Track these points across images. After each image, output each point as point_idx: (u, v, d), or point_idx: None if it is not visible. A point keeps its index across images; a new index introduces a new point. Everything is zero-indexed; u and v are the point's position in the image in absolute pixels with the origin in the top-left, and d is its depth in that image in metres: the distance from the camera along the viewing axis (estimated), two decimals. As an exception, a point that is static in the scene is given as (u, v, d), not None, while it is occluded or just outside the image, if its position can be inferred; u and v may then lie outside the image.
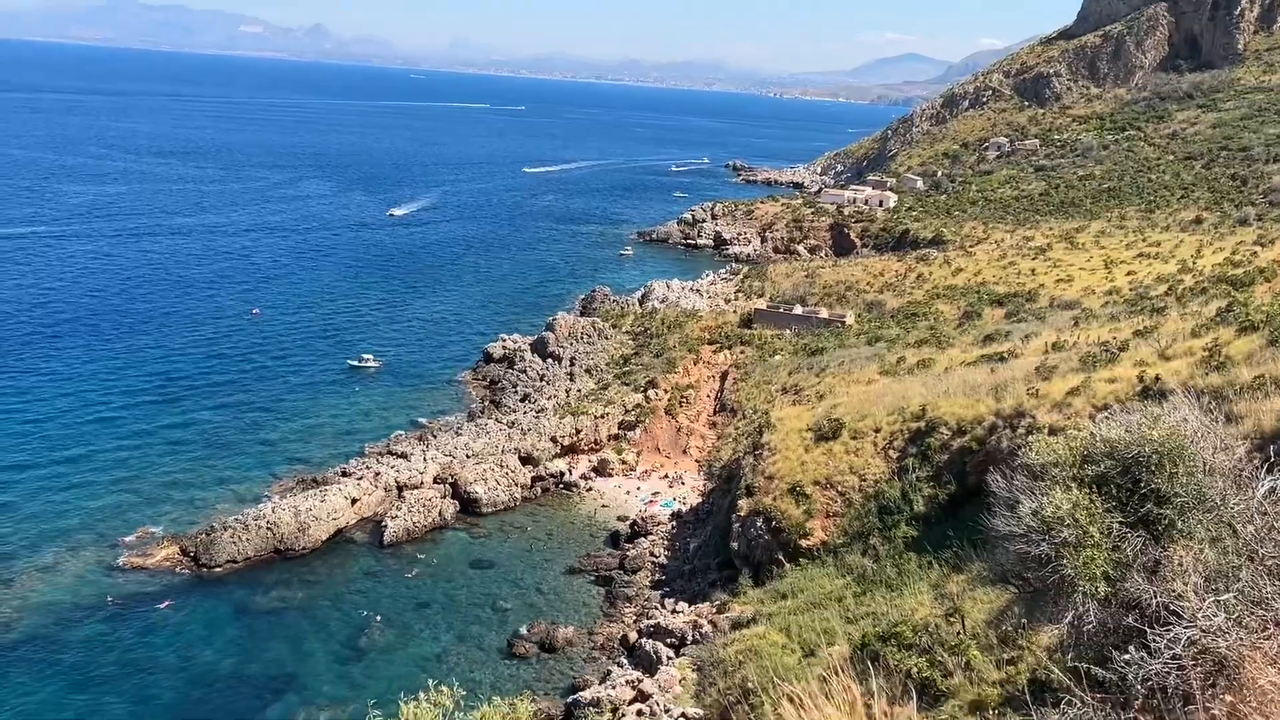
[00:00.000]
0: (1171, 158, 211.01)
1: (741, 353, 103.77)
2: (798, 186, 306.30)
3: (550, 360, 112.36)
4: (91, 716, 52.84)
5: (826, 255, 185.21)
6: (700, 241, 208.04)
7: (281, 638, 61.22)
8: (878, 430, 56.46)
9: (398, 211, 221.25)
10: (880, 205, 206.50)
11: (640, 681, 48.99)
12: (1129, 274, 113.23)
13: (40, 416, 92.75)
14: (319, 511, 72.83)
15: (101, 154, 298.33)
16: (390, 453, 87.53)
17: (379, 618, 63.60)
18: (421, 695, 11.83)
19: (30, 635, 59.40)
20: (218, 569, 68.03)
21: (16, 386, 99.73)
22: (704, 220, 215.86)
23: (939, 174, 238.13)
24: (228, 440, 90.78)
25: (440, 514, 77.36)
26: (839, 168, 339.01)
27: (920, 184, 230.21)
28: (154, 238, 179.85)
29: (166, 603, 63.92)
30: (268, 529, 70.67)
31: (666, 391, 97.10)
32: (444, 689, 12.03)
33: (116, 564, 68.11)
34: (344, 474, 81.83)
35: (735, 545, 59.65)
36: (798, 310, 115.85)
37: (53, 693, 54.59)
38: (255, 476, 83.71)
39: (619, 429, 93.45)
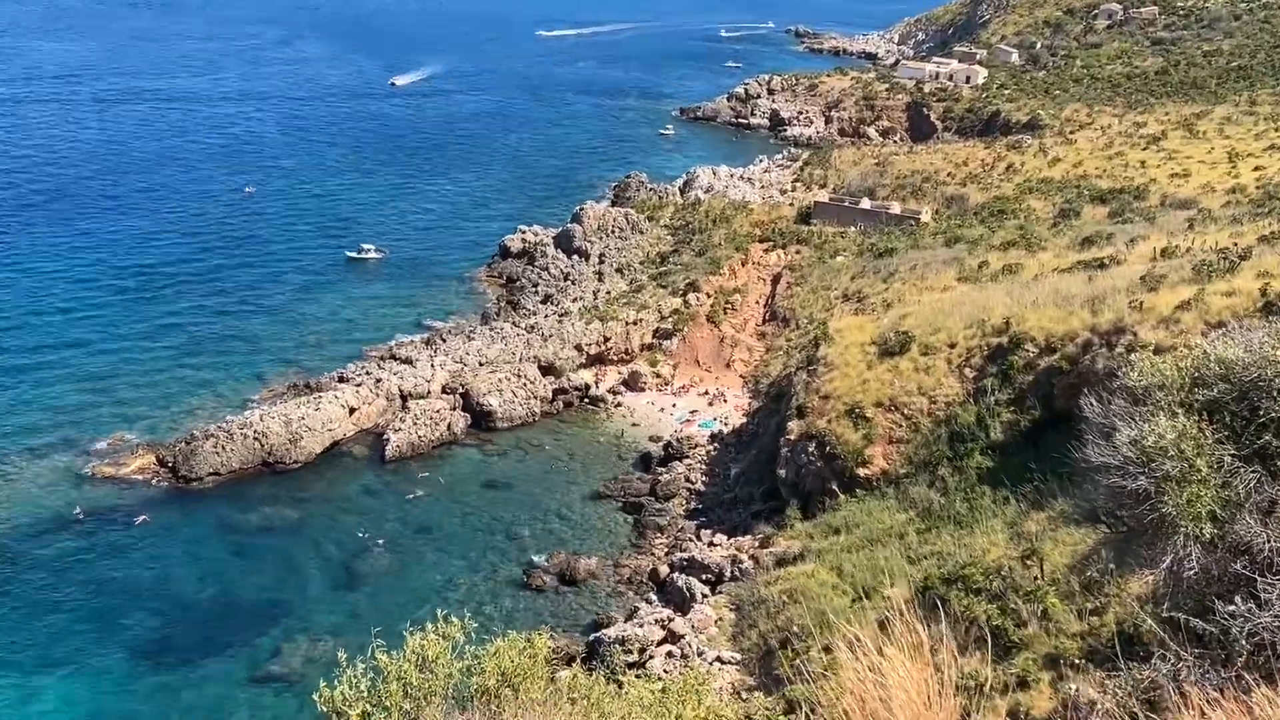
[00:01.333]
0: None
1: (797, 253, 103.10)
2: (870, 58, 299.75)
3: (576, 257, 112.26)
4: (57, 643, 54.75)
5: (901, 140, 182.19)
6: (754, 121, 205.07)
7: (272, 560, 62.88)
8: (952, 345, 56.23)
9: (400, 80, 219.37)
10: (967, 82, 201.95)
11: (671, 620, 50.03)
12: (1256, 169, 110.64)
13: (0, 305, 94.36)
14: (313, 421, 74.06)
15: (68, 5, 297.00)
16: (393, 357, 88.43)
17: (380, 541, 65.06)
18: (429, 626, 12.15)
19: (-6, 549, 61.40)
20: (199, 482, 69.61)
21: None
22: (759, 96, 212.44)
23: (1038, 46, 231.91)
24: (211, 338, 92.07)
25: (449, 428, 78.42)
26: (920, 36, 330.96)
27: (1015, 57, 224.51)
28: (130, 104, 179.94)
29: (141, 518, 65.65)
30: (255, 439, 72.01)
31: (709, 296, 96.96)
32: (454, 620, 12.35)
33: (85, 473, 69.84)
34: (341, 380, 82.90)
35: (783, 472, 60.16)
36: (865, 204, 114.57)
37: (12, 616, 56.56)
38: (241, 380, 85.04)
39: (654, 337, 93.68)
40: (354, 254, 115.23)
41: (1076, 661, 27.84)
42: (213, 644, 55.59)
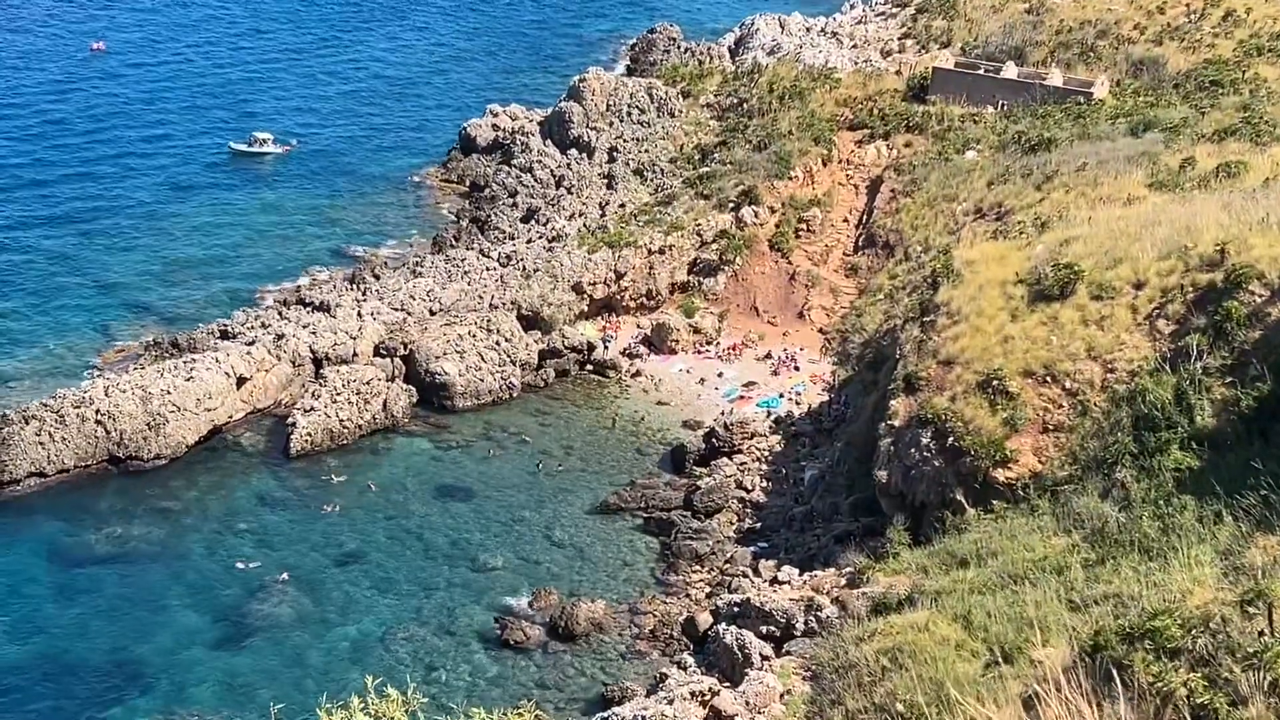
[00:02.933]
0: None
1: (907, 145, 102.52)
2: None
3: (574, 151, 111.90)
4: None
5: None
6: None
7: (121, 603, 63.31)
8: (1139, 286, 55.87)
9: None
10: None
11: (715, 694, 50.18)
12: None
13: None
14: (182, 397, 74.35)
15: None
16: (301, 303, 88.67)
17: (282, 575, 65.43)
18: (355, 701, 12.19)
19: None
20: (13, 486, 70.12)
21: None
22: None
23: None
24: (32, 271, 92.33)
25: (385, 408, 78.62)
26: None
27: None
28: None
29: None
30: (97, 424, 72.36)
31: (774, 211, 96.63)
32: (390, 691, 12.40)
33: None
34: (224, 336, 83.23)
35: (883, 475, 60.07)
36: (1010, 72, 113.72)
37: None
38: (77, 334, 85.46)
39: (690, 273, 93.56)
40: (242, 146, 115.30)
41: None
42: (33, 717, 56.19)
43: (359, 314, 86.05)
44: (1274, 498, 38.49)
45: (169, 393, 74.52)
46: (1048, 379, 56.08)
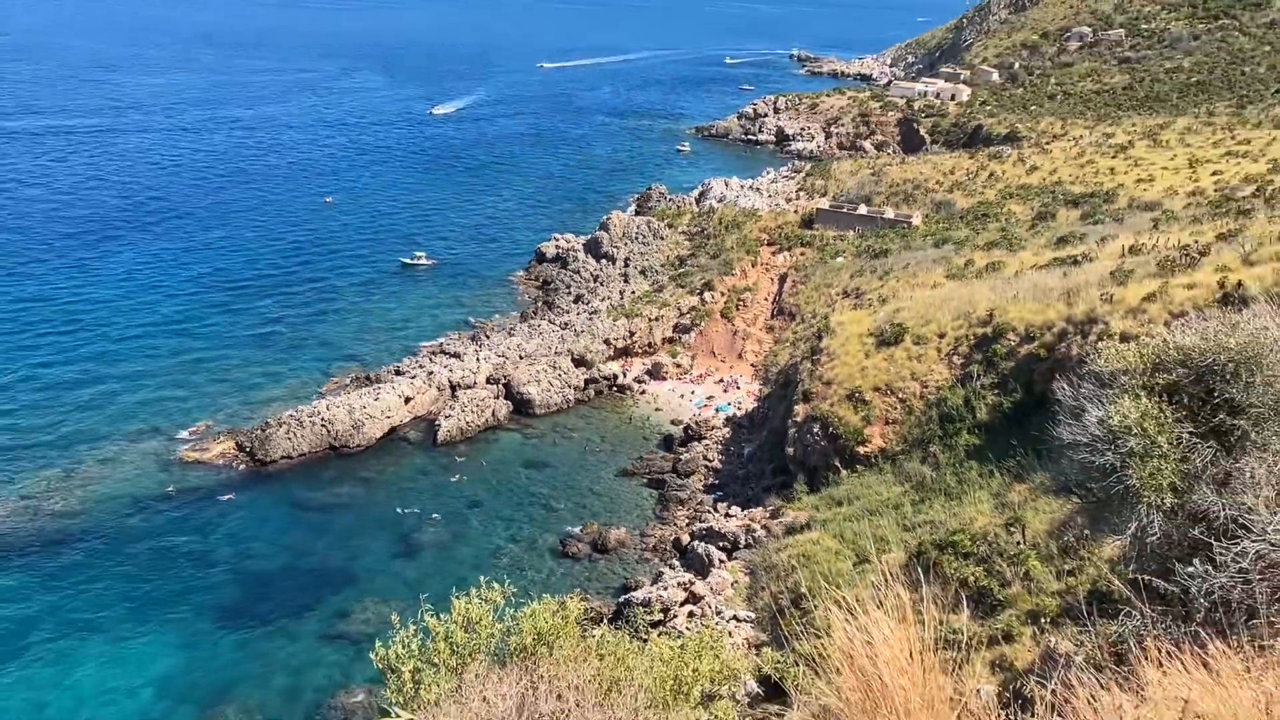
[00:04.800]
0: (1269, 49, 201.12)
1: (802, 254, 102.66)
2: (865, 79, 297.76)
3: (604, 260, 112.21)
4: (153, 607, 55.37)
5: (894, 152, 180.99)
6: (761, 137, 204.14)
7: (338, 534, 63.30)
8: (942, 336, 55.89)
9: (438, 110, 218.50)
10: (953, 99, 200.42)
11: (692, 584, 50.02)
12: (1215, 174, 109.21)
13: (100, 310, 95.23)
14: (373, 409, 74.42)
15: (153, 42, 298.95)
16: (443, 352, 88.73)
17: (433, 516, 65.36)
18: (473, 591, 12.20)
19: (93, 526, 62.05)
20: (273, 465, 70.12)
21: (79, 279, 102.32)
22: (765, 115, 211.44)
23: (1016, 66, 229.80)
24: (283, 336, 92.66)
25: (493, 414, 78.63)
26: (910, 59, 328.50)
27: (996, 77, 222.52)
28: (212, 132, 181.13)
29: (227, 496, 66.22)
30: (323, 426, 72.46)
31: (723, 294, 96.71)
32: (495, 585, 12.40)
33: (174, 457, 70.49)
34: (397, 372, 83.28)
35: (791, 451, 60.00)
36: (862, 210, 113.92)
37: (114, 583, 57.21)
38: (310, 373, 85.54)
39: (674, 332, 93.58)
40: (408, 260, 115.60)
41: (1054, 618, 27.65)
42: (288, 607, 56.02)
43: (477, 358, 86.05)
44: (1024, 462, 38.30)
45: (365, 407, 74.52)
46: (888, 392, 56.01)
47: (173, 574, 58.36)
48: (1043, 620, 28.14)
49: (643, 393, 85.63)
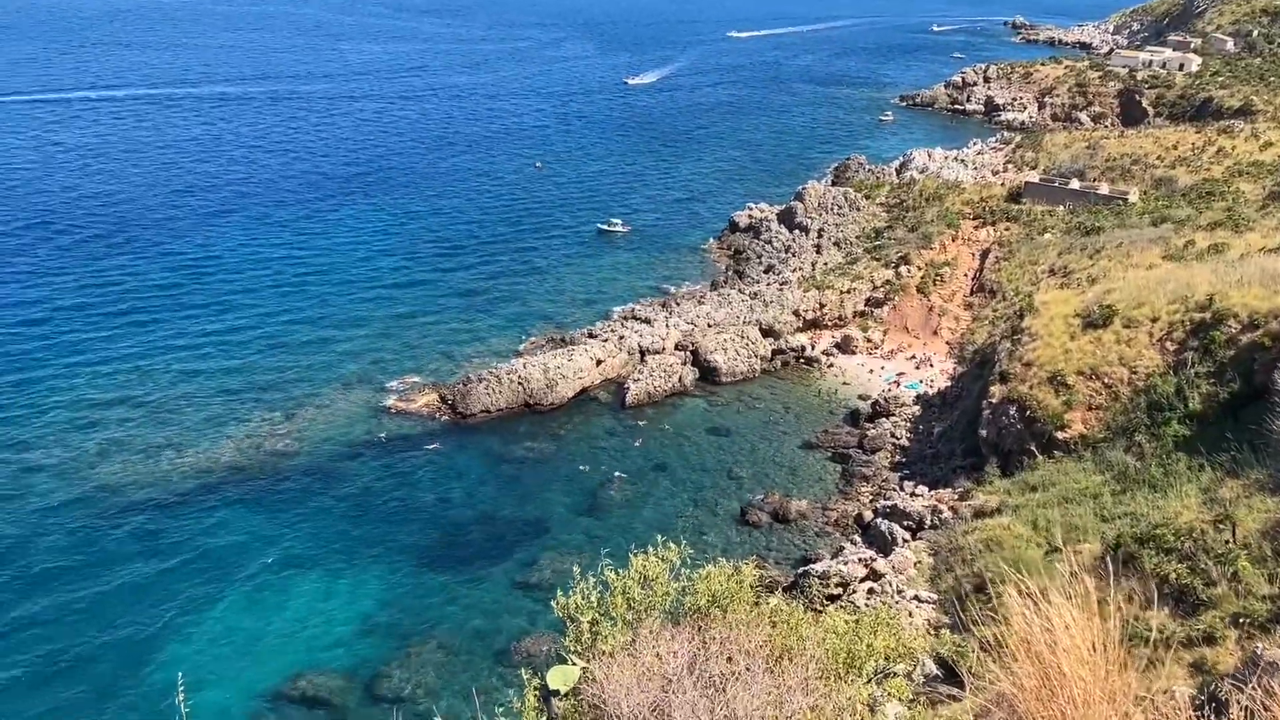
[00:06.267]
0: None
1: (1006, 229, 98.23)
2: (1085, 47, 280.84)
3: (797, 231, 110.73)
4: (361, 545, 58.99)
5: (1112, 125, 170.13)
6: (969, 107, 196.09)
7: (529, 487, 65.55)
8: (1155, 320, 52.50)
9: (633, 80, 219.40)
10: (1180, 69, 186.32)
11: (873, 560, 49.17)
12: None
13: (324, 267, 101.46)
14: (566, 370, 76.39)
15: (372, 11, 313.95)
16: (634, 317, 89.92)
17: (618, 475, 66.67)
18: (651, 549, 12.40)
19: (309, 466, 66.53)
20: (472, 418, 73.11)
21: (306, 237, 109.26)
22: (974, 84, 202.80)
23: (1254, 34, 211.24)
24: (486, 296, 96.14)
25: (680, 380, 79.25)
26: (1134, 26, 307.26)
27: (1231, 45, 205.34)
28: (429, 98, 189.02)
29: (431, 446, 69.61)
30: (519, 384, 74.93)
31: (920, 268, 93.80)
32: (672, 546, 12.56)
33: (383, 406, 74.58)
34: (590, 335, 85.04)
35: (984, 433, 57.91)
36: (1074, 185, 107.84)
37: (327, 520, 61.26)
38: (509, 332, 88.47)
39: (866, 305, 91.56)
40: (604, 227, 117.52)
41: (1263, 623, 25.69)
42: (482, 553, 58.54)
43: (667, 325, 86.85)
44: (1239, 456, 35.70)
45: (559, 367, 76.57)
46: (1093, 376, 53.19)
47: (379, 515, 61.95)
48: (1249, 624, 26.20)
49: (830, 366, 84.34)
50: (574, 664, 10.64)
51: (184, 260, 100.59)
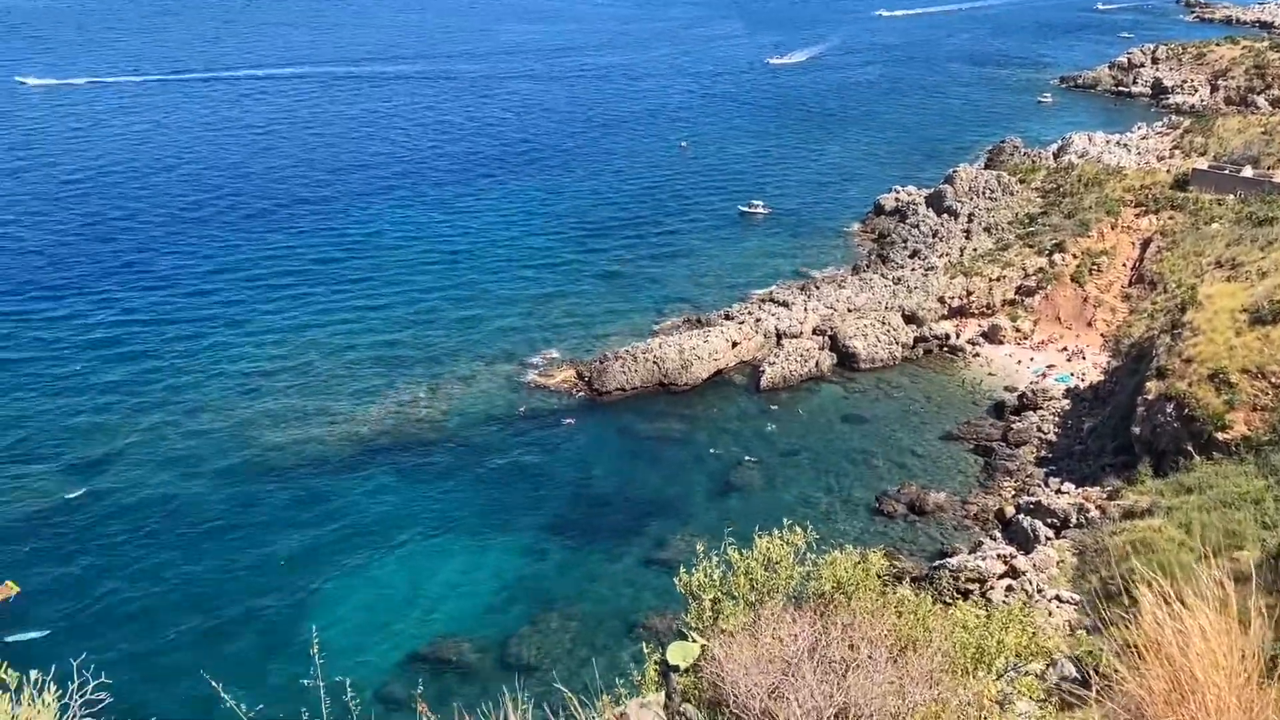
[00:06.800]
0: None
1: (1170, 218, 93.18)
2: (1266, 27, 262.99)
3: (946, 215, 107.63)
4: (496, 516, 60.61)
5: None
6: (1135, 89, 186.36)
7: (661, 466, 66.02)
8: (1333, 317, 49.10)
9: (775, 60, 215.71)
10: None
11: (1013, 558, 47.71)
12: None
13: (472, 243, 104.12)
14: (701, 351, 76.45)
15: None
16: (772, 300, 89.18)
17: (750, 458, 66.44)
18: (775, 532, 12.35)
19: (452, 435, 68.64)
20: (607, 395, 73.97)
21: (457, 214, 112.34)
22: (1141, 65, 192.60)
23: None
24: (626, 275, 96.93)
25: (817, 365, 78.30)
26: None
27: None
28: (578, 78, 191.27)
29: (568, 421, 70.84)
30: (654, 363, 75.40)
31: (1075, 257, 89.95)
32: (797, 529, 12.46)
33: (523, 381, 76.21)
34: (727, 317, 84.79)
35: (1137, 430, 55.38)
36: (1247, 172, 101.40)
37: (468, 488, 63.14)
38: (646, 312, 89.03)
39: (1016, 294, 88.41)
40: (745, 208, 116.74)
41: None
42: (613, 529, 59.40)
43: (805, 309, 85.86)
44: None
45: (694, 348, 76.69)
46: (1259, 375, 50.21)
47: (515, 488, 63.51)
48: None
49: (976, 355, 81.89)
50: (694, 641, 10.69)
51: (341, 236, 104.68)
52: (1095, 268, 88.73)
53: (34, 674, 6.85)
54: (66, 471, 62.13)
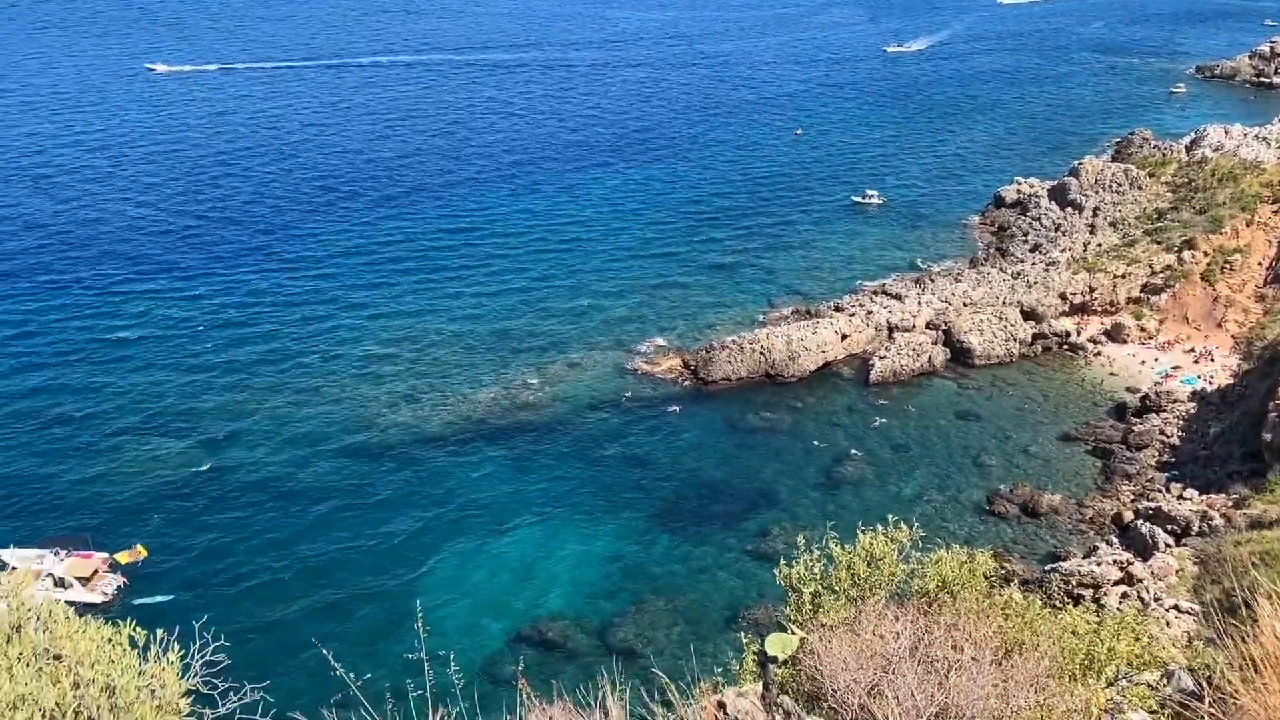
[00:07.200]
0: None
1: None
2: None
3: (1069, 209, 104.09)
4: (601, 500, 61.26)
5: None
6: (1277, 80, 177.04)
7: (765, 457, 65.70)
8: None
9: (895, 49, 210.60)
10: None
11: (1130, 564, 46.04)
12: None
13: (586, 230, 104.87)
14: (809, 342, 75.71)
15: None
16: (884, 293, 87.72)
17: (857, 452, 65.58)
18: (879, 528, 12.19)
19: (558, 419, 69.55)
20: (713, 384, 73.87)
21: (572, 201, 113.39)
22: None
23: None
24: (735, 264, 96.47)
25: (929, 360, 76.76)
26: None
27: None
28: (694, 65, 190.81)
29: (673, 409, 71.04)
30: (761, 353, 74.98)
31: (1206, 254, 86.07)
32: (902, 526, 12.27)
33: (629, 368, 76.65)
34: (837, 309, 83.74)
35: (1268, 436, 52.80)
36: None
37: (570, 474, 63.90)
38: (754, 302, 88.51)
39: (1141, 292, 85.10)
40: (858, 198, 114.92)
41: None
42: (716, 518, 59.46)
43: (919, 302, 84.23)
44: None
45: (802, 339, 76.00)
46: (1406, 383, 47.28)
47: (620, 473, 64.03)
48: None
49: (1097, 354, 79.14)
50: (793, 633, 10.65)
51: (459, 223, 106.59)
52: (1227, 266, 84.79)
53: (159, 633, 7.22)
54: (196, 446, 64.97)
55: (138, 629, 7.24)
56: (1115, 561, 47.05)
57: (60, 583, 50.72)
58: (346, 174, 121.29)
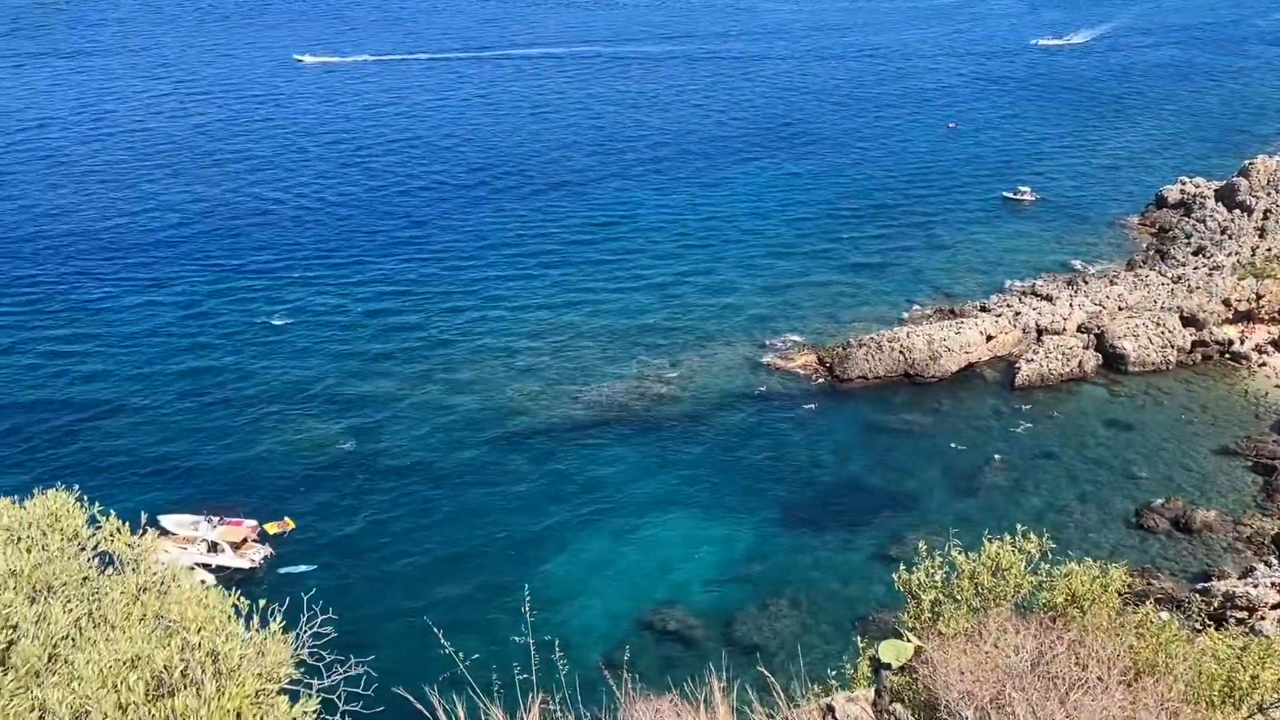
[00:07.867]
0: None
1: None
2: None
3: (1238, 211, 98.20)
4: (730, 494, 61.09)
5: None
6: None
7: (901, 459, 64.30)
8: None
9: (1045, 42, 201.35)
10: None
11: (1290, 589, 43.31)
12: None
13: (729, 224, 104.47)
14: (952, 342, 73.69)
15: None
16: (1034, 293, 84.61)
17: (998, 457, 63.53)
18: (1007, 537, 11.80)
19: (690, 411, 69.60)
20: (848, 382, 72.68)
21: (715, 196, 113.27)
22: None
23: None
24: (878, 260, 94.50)
25: (1079, 365, 73.70)
26: None
27: None
28: (843, 57, 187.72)
29: (808, 406, 70.24)
30: (900, 352, 73.37)
31: (1393, 261, 80.00)
32: (1031, 536, 11.85)
33: (763, 363, 76.09)
34: (982, 309, 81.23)
35: None
36: None
37: (700, 465, 63.86)
38: (895, 299, 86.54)
39: (1317, 299, 79.69)
40: (1010, 194, 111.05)
41: None
42: (847, 519, 58.56)
43: (1070, 304, 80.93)
44: None
45: (944, 339, 74.03)
46: None
47: (751, 468, 63.70)
48: None
49: (1262, 364, 74.52)
50: (909, 640, 10.43)
51: (601, 216, 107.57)
52: None
53: (262, 602, 7.56)
54: (344, 431, 67.49)
55: (242, 599, 7.58)
56: (1274, 584, 44.37)
57: (214, 547, 53.67)
58: (495, 167, 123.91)
